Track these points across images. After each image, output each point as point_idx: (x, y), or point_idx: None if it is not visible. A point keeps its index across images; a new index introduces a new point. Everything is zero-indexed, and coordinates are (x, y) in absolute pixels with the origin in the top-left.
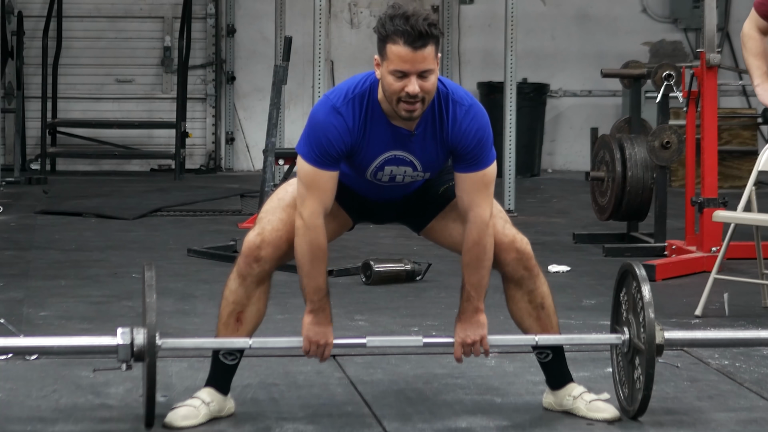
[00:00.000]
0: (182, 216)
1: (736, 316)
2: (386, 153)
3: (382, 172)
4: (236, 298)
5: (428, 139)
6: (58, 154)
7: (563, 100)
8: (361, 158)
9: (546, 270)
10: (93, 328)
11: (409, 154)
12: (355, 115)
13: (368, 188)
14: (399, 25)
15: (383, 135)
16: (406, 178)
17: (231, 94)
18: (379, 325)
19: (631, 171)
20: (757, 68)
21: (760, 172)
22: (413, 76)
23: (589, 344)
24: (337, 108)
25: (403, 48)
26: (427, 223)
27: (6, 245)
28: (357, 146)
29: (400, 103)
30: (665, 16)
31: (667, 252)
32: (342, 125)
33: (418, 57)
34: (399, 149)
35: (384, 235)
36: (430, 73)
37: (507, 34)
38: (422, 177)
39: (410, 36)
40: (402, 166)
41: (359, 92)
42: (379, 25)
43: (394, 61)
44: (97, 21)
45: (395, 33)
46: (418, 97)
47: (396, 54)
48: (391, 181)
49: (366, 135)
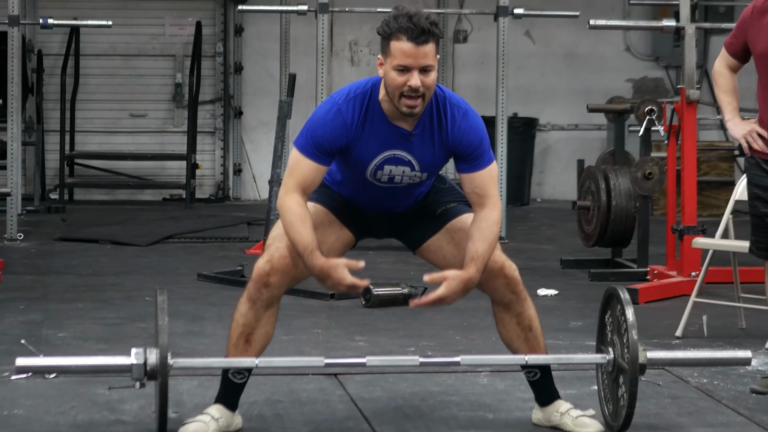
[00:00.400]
0: (192, 243)
1: (714, 337)
2: (386, 152)
3: (382, 171)
4: (246, 321)
5: (426, 139)
6: (76, 184)
7: (551, 133)
8: (361, 156)
9: (535, 293)
10: (108, 349)
11: (408, 154)
12: (355, 113)
13: (368, 193)
14: (403, 22)
15: (382, 134)
16: (404, 178)
17: (238, 128)
18: (378, 346)
19: (615, 200)
20: (728, 104)
21: (737, 202)
22: (415, 70)
23: (575, 363)
24: (338, 105)
25: (407, 43)
26: (423, 242)
27: (26, 270)
28: (354, 143)
29: (402, 98)
30: (647, 55)
31: (649, 276)
32: (340, 121)
33: (420, 52)
34: (398, 148)
35: (382, 261)
36: (430, 69)
37: (498, 72)
38: (420, 178)
39: (413, 32)
40: (401, 165)
41: (360, 92)
42: (384, 25)
43: (397, 57)
44: (113, 59)
45: (399, 30)
46: (420, 92)
47: (399, 49)
48: (390, 182)
49: (364, 132)
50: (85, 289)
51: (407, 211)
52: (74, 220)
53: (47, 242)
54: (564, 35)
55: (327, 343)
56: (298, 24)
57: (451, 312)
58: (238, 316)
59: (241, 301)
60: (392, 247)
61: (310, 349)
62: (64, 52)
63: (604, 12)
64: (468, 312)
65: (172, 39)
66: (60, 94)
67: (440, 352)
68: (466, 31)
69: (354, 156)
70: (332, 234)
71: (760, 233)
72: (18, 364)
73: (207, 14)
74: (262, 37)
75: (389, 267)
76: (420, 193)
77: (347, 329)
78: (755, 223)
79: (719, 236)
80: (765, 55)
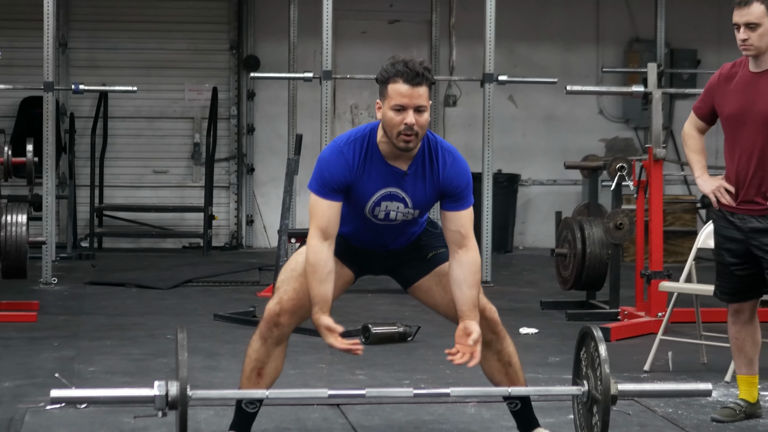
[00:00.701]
0: (209, 286)
1: (679, 371)
2: (383, 189)
3: (379, 207)
4: (258, 356)
5: (419, 178)
6: (104, 233)
7: (532, 188)
8: (361, 193)
9: (518, 332)
10: (133, 382)
11: (402, 192)
12: (356, 153)
13: (367, 231)
14: (399, 67)
15: (380, 172)
16: (399, 215)
17: (251, 183)
18: (376, 379)
19: (589, 248)
20: (697, 162)
21: (699, 249)
22: (410, 110)
23: (554, 395)
24: (340, 148)
25: (403, 85)
26: (414, 282)
27: (60, 311)
28: (356, 181)
29: (400, 136)
30: (618, 117)
31: (620, 317)
32: (343, 162)
33: (415, 93)
34: (393, 186)
35: (380, 303)
36: (424, 109)
37: (485, 132)
38: (412, 215)
39: (409, 75)
40: (395, 201)
41: (360, 136)
42: (381, 72)
43: (394, 98)
44: (137, 121)
45: (396, 74)
46: (414, 130)
47: (396, 91)
48: (386, 219)
49: (365, 172)
50: (113, 328)
51: (402, 249)
52: (103, 266)
53: (79, 286)
54: (544, 99)
55: (330, 376)
56: (304, 89)
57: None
58: (251, 351)
59: (253, 339)
60: (389, 290)
61: (315, 382)
62: (94, 114)
63: (579, 79)
64: None
65: (190, 103)
66: (90, 152)
67: (432, 385)
68: (455, 95)
69: (355, 193)
70: (338, 276)
71: (724, 280)
72: (52, 395)
73: (222, 81)
74: (271, 102)
75: (386, 308)
76: (413, 232)
77: (348, 364)
78: (720, 270)
79: (683, 280)
80: (731, 118)
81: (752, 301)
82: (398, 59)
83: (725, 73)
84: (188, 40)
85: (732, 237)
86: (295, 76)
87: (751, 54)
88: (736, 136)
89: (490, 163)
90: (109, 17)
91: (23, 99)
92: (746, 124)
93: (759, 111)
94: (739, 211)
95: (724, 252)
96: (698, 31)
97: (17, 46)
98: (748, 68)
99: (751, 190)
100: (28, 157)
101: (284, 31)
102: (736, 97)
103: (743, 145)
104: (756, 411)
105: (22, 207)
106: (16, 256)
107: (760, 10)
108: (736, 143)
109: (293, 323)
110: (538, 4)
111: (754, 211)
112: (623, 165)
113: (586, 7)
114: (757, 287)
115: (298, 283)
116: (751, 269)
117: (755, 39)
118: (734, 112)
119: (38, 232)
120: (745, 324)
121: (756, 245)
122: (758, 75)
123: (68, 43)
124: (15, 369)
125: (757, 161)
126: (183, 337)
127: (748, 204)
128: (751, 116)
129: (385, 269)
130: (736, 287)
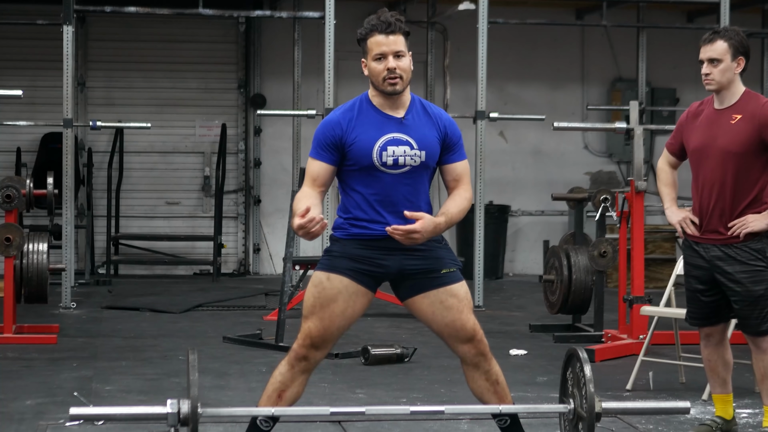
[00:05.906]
0: (218, 310)
1: (659, 390)
2: (386, 135)
3: (386, 152)
4: (283, 379)
5: (418, 120)
6: (120, 261)
7: (521, 218)
8: (363, 141)
9: (507, 353)
10: (148, 400)
11: (405, 135)
12: (346, 113)
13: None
14: (374, 21)
15: (378, 121)
16: (407, 159)
17: (257, 214)
18: (375, 397)
19: (575, 275)
20: (667, 195)
21: (678, 276)
22: (390, 56)
23: (541, 412)
24: (332, 112)
25: (379, 35)
26: (413, 296)
27: (78, 333)
28: (349, 133)
29: (385, 81)
30: (602, 152)
31: (604, 339)
32: (334, 121)
33: (391, 41)
34: (395, 131)
35: (379, 326)
36: (402, 54)
37: (476, 166)
38: (420, 158)
39: (382, 26)
40: (401, 145)
41: (351, 102)
42: (359, 31)
43: (374, 49)
44: (151, 155)
45: (372, 29)
46: (397, 73)
47: (374, 42)
48: (395, 165)
49: (358, 124)
50: (128, 350)
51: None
52: (119, 292)
53: (96, 310)
54: (532, 135)
55: (332, 395)
56: (307, 125)
57: (437, 369)
58: (277, 374)
59: (282, 363)
60: (387, 314)
61: (318, 400)
62: (111, 149)
63: (565, 116)
64: (451, 369)
65: (201, 138)
66: (107, 184)
67: (428, 403)
68: None
69: (357, 145)
70: (357, 298)
71: (693, 305)
72: (71, 413)
73: (231, 117)
74: (277, 137)
75: (384, 331)
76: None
77: (349, 383)
78: (689, 297)
79: (663, 305)
80: (696, 152)
81: (721, 325)
82: (371, 18)
83: (693, 110)
84: (199, 79)
85: (698, 265)
86: (299, 113)
87: (713, 88)
88: (699, 170)
89: (482, 195)
90: (124, 58)
91: (44, 135)
92: (708, 158)
93: (720, 146)
94: (703, 241)
95: (691, 279)
96: (677, 72)
97: (38, 85)
98: (712, 106)
99: (713, 221)
100: (49, 190)
101: (289, 71)
102: (700, 133)
103: (705, 177)
104: (732, 427)
105: (43, 236)
106: (38, 282)
107: (723, 47)
108: (699, 176)
109: (320, 358)
110: (526, 46)
111: (716, 241)
112: (607, 197)
113: (572, 49)
114: (723, 312)
115: (324, 313)
116: (716, 295)
117: (717, 74)
118: (698, 147)
119: (58, 259)
120: (716, 347)
121: (719, 272)
122: (720, 112)
123: (86, 83)
124: (36, 388)
125: (717, 193)
126: (194, 359)
127: (711, 233)
128: (713, 151)
129: (399, 271)
130: (704, 312)
